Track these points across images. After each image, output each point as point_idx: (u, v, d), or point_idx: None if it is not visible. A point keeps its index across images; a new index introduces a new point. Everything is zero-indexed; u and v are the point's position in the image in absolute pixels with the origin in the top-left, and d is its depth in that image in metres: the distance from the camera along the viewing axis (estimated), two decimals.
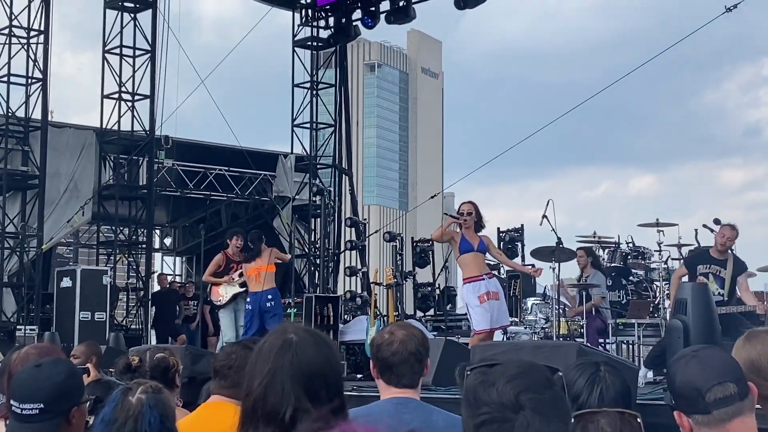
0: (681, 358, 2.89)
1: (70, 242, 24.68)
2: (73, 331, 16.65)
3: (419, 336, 3.96)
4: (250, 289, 13.53)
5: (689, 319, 8.80)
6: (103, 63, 19.56)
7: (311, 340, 2.72)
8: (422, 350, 3.92)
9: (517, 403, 2.12)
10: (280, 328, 2.78)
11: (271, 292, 13.45)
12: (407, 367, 3.88)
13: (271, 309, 13.41)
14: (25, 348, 4.53)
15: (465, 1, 19.70)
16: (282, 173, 22.47)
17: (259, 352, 2.71)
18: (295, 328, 2.75)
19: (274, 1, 22.63)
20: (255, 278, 13.49)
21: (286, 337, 2.70)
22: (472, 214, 11.24)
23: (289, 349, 2.67)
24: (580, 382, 3.12)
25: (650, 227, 14.08)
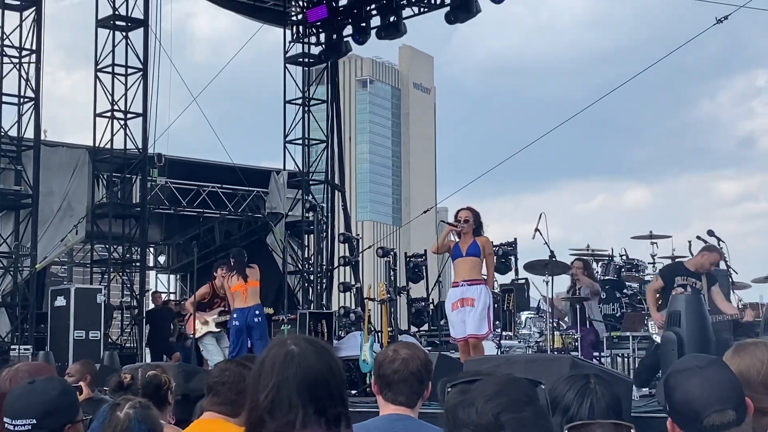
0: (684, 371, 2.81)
1: (64, 261, 24.63)
2: (67, 350, 16.61)
3: (423, 358, 3.99)
4: (236, 305, 13.48)
5: (683, 331, 8.80)
6: (95, 82, 19.56)
7: (312, 349, 2.72)
8: (423, 371, 3.95)
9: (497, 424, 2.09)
10: (280, 340, 2.77)
11: (257, 307, 13.48)
12: (406, 386, 3.90)
13: (258, 325, 13.38)
14: (15, 366, 4.52)
15: (456, 16, 19.80)
16: (275, 190, 22.47)
17: (261, 366, 2.71)
18: (295, 339, 2.75)
19: (265, 18, 22.69)
20: (241, 294, 13.47)
21: (288, 349, 2.70)
22: (469, 221, 10.94)
23: (292, 361, 2.67)
24: (570, 395, 3.11)
25: (644, 239, 14.11)
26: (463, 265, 10.96)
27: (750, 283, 13.81)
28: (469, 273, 10.90)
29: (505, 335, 14.36)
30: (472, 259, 10.91)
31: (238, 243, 22.59)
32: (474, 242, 10.92)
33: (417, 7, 20.88)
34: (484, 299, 10.82)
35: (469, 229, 10.95)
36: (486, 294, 10.91)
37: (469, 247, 10.92)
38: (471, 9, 19.60)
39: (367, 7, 21.45)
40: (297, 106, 22.60)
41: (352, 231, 22.71)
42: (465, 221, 10.92)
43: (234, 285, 13.51)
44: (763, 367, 3.19)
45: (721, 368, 2.89)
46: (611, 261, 14.69)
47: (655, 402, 7.55)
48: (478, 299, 10.77)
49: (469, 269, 10.92)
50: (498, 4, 19.02)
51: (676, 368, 2.88)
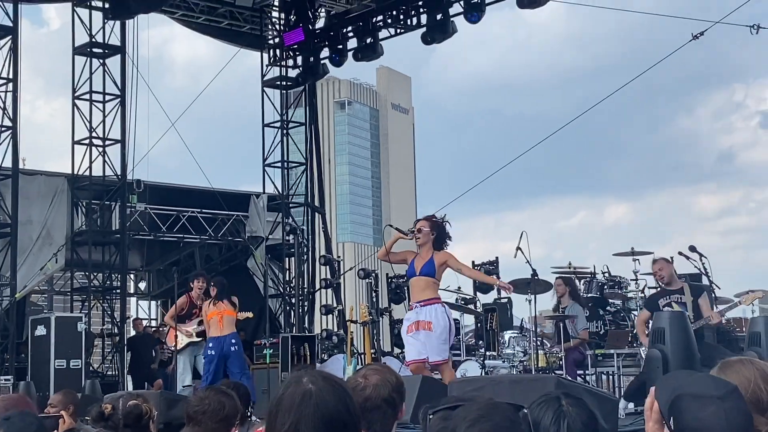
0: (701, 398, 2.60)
1: (44, 290, 24.48)
2: (48, 380, 16.44)
3: (394, 381, 3.85)
4: (211, 333, 13.36)
5: (668, 348, 8.79)
6: (73, 109, 19.50)
7: (330, 388, 2.72)
8: (396, 396, 3.82)
9: None
10: (297, 378, 2.77)
11: (233, 336, 13.36)
12: (379, 414, 3.78)
13: (235, 353, 13.27)
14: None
15: (432, 37, 19.87)
16: (254, 213, 22.42)
17: (278, 404, 2.70)
18: (313, 377, 2.74)
19: (242, 42, 22.70)
20: (217, 322, 13.34)
21: (306, 388, 2.69)
22: (423, 231, 10.03)
23: (310, 400, 2.66)
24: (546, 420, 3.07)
25: (626, 256, 14.12)
26: (416, 284, 10.19)
27: (732, 298, 13.84)
28: (422, 293, 10.09)
29: (489, 355, 14.31)
30: (426, 279, 10.08)
31: (219, 267, 22.53)
32: (430, 259, 10.05)
33: (393, 28, 20.93)
34: (441, 321, 10.02)
35: (426, 240, 10.06)
36: (442, 314, 10.08)
37: (424, 265, 10.07)
38: (447, 29, 19.67)
39: (344, 30, 21.51)
40: (275, 129, 22.59)
41: (333, 253, 22.66)
42: (419, 231, 10.06)
43: (210, 312, 13.39)
44: (750, 386, 3.16)
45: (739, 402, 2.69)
46: (594, 278, 14.69)
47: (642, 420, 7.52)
48: (435, 322, 9.98)
49: (422, 289, 10.10)
50: (474, 24, 19.08)
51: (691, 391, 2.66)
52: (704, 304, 11.19)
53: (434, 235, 10.09)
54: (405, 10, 20.58)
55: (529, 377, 10.23)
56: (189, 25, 22.42)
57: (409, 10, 20.52)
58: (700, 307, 11.08)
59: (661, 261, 11.61)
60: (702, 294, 11.33)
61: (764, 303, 14.66)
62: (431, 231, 10.08)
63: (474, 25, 19.16)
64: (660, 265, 11.47)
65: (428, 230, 10.05)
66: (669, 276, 11.37)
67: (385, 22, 20.89)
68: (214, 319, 13.27)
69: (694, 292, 11.25)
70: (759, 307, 13.75)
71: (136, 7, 18.15)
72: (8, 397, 4.74)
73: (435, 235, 10.10)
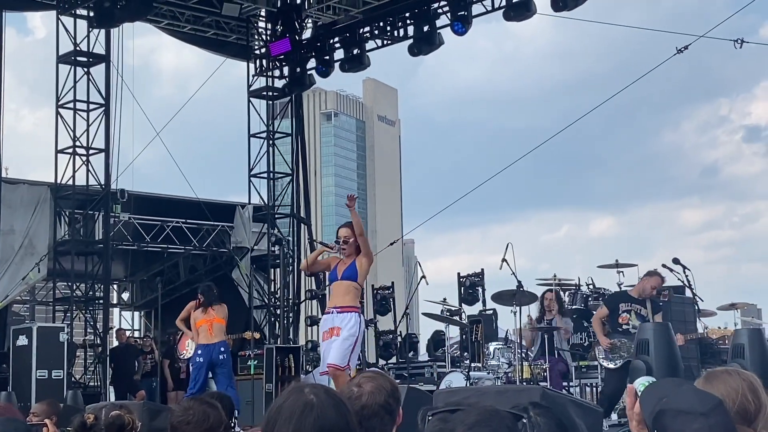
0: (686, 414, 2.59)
1: (26, 300, 24.34)
2: (30, 390, 16.33)
3: (389, 387, 3.85)
4: (200, 341, 13.21)
5: (652, 359, 8.78)
6: (56, 118, 19.39)
7: (331, 402, 2.69)
8: (392, 402, 3.81)
9: None
10: (297, 388, 2.75)
11: (222, 344, 13.18)
12: (377, 421, 3.76)
13: (223, 362, 13.14)
14: None
15: (419, 48, 19.88)
16: (240, 224, 22.36)
17: (278, 412, 2.67)
18: (314, 389, 2.72)
19: (228, 52, 22.70)
20: (207, 330, 13.20)
21: (307, 399, 2.67)
22: (349, 242, 9.74)
23: (311, 412, 2.64)
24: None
25: (610, 269, 14.11)
26: (337, 289, 9.89)
27: (716, 311, 13.86)
28: (342, 299, 9.80)
29: (473, 366, 14.28)
30: (347, 284, 9.77)
31: (203, 278, 22.41)
32: (352, 263, 9.74)
33: (380, 40, 20.96)
34: (351, 329, 9.69)
35: (351, 250, 9.77)
36: (354, 324, 9.73)
37: (346, 269, 9.77)
38: (434, 41, 19.70)
39: (331, 40, 21.52)
40: (261, 140, 22.56)
41: None
42: (344, 242, 9.76)
43: (199, 320, 13.26)
44: (738, 396, 3.14)
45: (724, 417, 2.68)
46: (578, 290, 14.70)
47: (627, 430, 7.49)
48: (344, 329, 9.67)
49: (342, 294, 9.80)
50: (461, 36, 19.10)
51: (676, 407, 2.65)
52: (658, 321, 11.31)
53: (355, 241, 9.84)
54: (392, 22, 20.61)
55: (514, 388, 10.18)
56: (175, 35, 22.39)
57: (396, 22, 20.55)
58: None
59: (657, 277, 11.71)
60: (658, 313, 11.46)
61: (746, 315, 14.66)
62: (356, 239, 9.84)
63: (461, 37, 19.20)
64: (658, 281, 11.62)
65: (353, 240, 9.79)
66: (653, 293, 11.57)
67: (372, 34, 20.91)
68: (203, 327, 13.12)
69: (654, 307, 11.41)
70: (741, 320, 13.77)
71: (121, 15, 18.10)
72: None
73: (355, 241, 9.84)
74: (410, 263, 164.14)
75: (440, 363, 16.56)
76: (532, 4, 18.17)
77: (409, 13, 20.26)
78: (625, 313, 11.34)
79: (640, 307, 11.37)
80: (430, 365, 16.97)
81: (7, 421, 3.51)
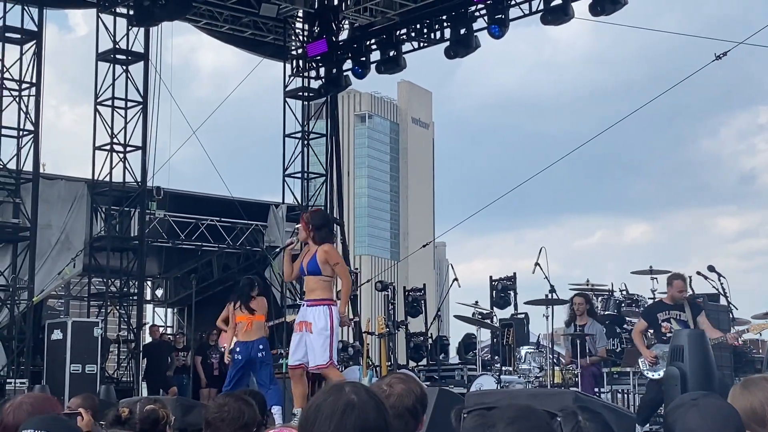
0: (681, 406, 2.85)
1: (61, 294, 24.55)
2: (63, 384, 16.46)
3: (418, 392, 3.83)
4: (239, 338, 13.00)
5: (686, 366, 8.73)
6: (95, 114, 19.56)
7: (372, 403, 2.68)
8: (419, 407, 3.79)
9: None
10: (337, 387, 2.72)
11: (261, 341, 12.92)
12: (401, 423, 3.73)
13: (262, 359, 12.93)
14: (18, 398, 4.45)
15: (455, 51, 19.87)
16: (273, 223, 22.44)
17: (317, 410, 2.65)
18: (354, 388, 2.70)
19: (265, 52, 22.79)
20: (245, 327, 13.01)
21: (349, 399, 2.65)
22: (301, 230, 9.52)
23: (353, 411, 2.62)
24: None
25: (644, 275, 14.06)
26: (307, 283, 9.67)
27: (750, 320, 13.76)
28: (312, 293, 9.58)
29: (504, 370, 14.26)
30: (314, 278, 9.54)
31: (236, 277, 22.52)
32: (314, 256, 9.47)
33: (417, 42, 20.97)
34: (322, 323, 9.42)
35: (307, 237, 9.50)
36: (324, 316, 9.46)
37: (309, 261, 9.50)
38: (470, 44, 19.67)
39: (367, 42, 21.55)
40: (296, 140, 22.64)
41: (350, 265, 22.64)
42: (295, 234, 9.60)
43: (239, 316, 13.05)
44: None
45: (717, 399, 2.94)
46: (611, 296, 14.62)
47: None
48: (315, 323, 9.43)
49: (311, 288, 9.59)
50: (498, 39, 19.07)
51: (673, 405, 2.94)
52: (704, 322, 11.15)
53: (311, 229, 9.55)
54: (429, 24, 20.61)
55: (546, 391, 10.19)
56: (213, 34, 22.51)
57: (433, 24, 20.55)
58: (700, 325, 11.03)
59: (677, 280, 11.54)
60: (701, 312, 11.31)
61: None
62: (306, 227, 9.54)
63: (498, 40, 19.16)
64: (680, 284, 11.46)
65: (302, 227, 9.54)
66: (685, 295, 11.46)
67: (408, 36, 20.93)
68: (242, 323, 12.92)
69: (693, 309, 11.27)
70: None
71: (160, 14, 18.23)
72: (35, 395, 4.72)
73: (312, 229, 9.55)
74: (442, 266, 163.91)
75: (471, 366, 16.53)
76: (570, 8, 18.11)
77: (446, 16, 20.26)
78: (665, 322, 11.22)
79: (678, 313, 11.23)
80: (461, 368, 16.94)
81: (53, 420, 3.54)
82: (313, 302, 9.55)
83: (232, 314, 13.00)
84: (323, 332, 9.42)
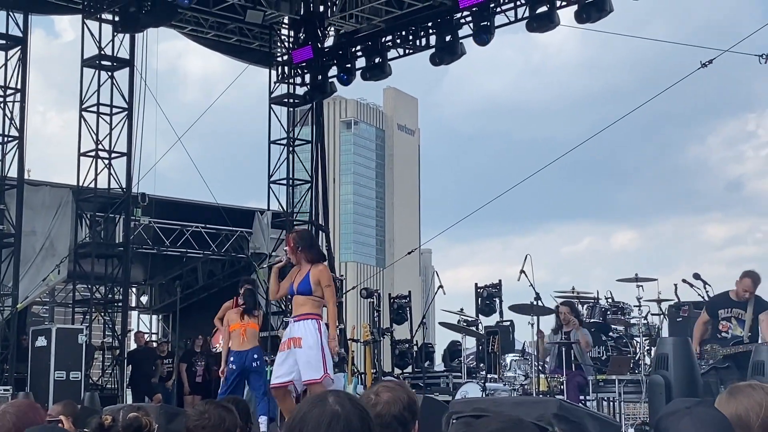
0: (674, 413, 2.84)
1: (45, 301, 24.46)
2: (47, 391, 16.40)
3: (406, 399, 3.75)
4: (233, 347, 12.76)
5: (671, 375, 8.74)
6: (80, 121, 19.52)
7: (357, 412, 2.67)
8: (408, 415, 3.71)
9: None
10: (320, 397, 2.71)
11: (255, 351, 12.71)
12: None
13: (257, 369, 12.75)
14: (2, 406, 4.43)
15: (440, 58, 19.88)
16: (258, 230, 22.41)
17: (302, 422, 2.63)
18: (339, 399, 2.69)
19: (251, 59, 22.77)
20: (239, 335, 12.81)
21: (334, 410, 2.64)
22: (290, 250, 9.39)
23: (338, 423, 2.61)
24: None
25: (629, 282, 14.07)
26: (296, 302, 9.50)
27: None
28: (300, 308, 9.42)
29: (490, 378, 14.25)
30: (303, 297, 9.38)
31: (221, 283, 22.50)
32: (306, 276, 9.31)
33: (402, 49, 20.97)
34: (313, 336, 9.24)
35: (296, 256, 9.36)
36: (314, 330, 9.28)
37: (300, 282, 9.32)
38: (456, 51, 19.69)
39: (352, 49, 21.55)
40: (282, 147, 22.61)
41: (335, 272, 22.62)
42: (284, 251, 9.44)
43: (234, 324, 12.88)
44: (761, 410, 3.16)
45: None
46: (597, 304, 14.63)
47: None
48: (305, 338, 9.22)
49: (300, 305, 9.42)
50: (483, 46, 19.08)
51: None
52: (765, 320, 10.79)
53: (300, 249, 9.40)
54: (414, 31, 20.63)
55: (531, 399, 10.17)
56: (198, 41, 22.48)
57: (418, 31, 20.57)
58: (761, 323, 10.70)
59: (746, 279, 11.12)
60: (766, 309, 10.89)
61: None
62: (295, 247, 9.39)
63: (484, 47, 19.17)
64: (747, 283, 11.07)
65: (291, 248, 9.40)
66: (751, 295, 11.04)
67: (394, 42, 20.93)
68: (236, 332, 12.72)
69: (757, 307, 10.86)
70: None
71: (146, 20, 18.17)
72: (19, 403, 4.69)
73: (301, 248, 9.41)
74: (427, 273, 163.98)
75: (456, 373, 16.53)
76: (555, 16, 18.15)
77: (431, 23, 20.28)
78: (725, 321, 10.93)
79: (741, 312, 10.92)
80: (446, 375, 16.94)
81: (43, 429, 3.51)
82: (301, 317, 9.37)
83: (227, 320, 12.85)
84: (314, 346, 9.20)
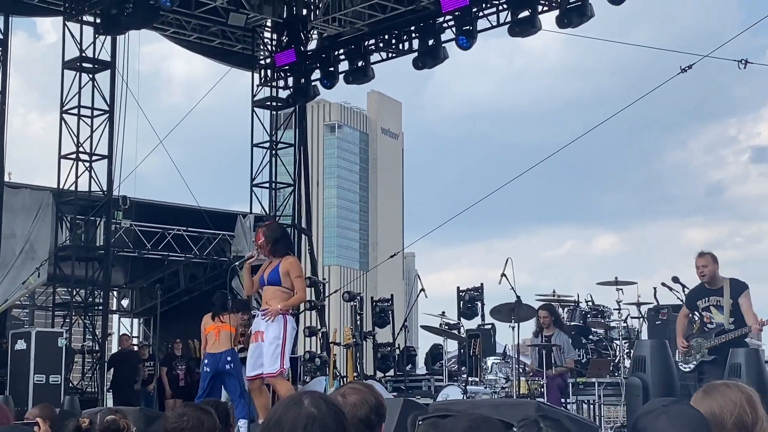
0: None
1: (25, 304, 24.36)
2: (27, 395, 16.31)
3: (373, 402, 3.70)
4: (208, 349, 12.90)
5: (648, 377, 8.77)
6: (60, 123, 19.44)
7: (332, 414, 2.66)
8: (374, 417, 3.67)
9: None
10: (296, 399, 2.69)
11: (229, 353, 12.82)
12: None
13: (230, 371, 12.80)
14: None
15: (423, 62, 19.91)
16: (241, 233, 22.36)
17: (278, 425, 2.62)
18: (314, 401, 2.68)
19: (234, 61, 22.73)
20: (214, 336, 12.91)
21: (309, 411, 2.63)
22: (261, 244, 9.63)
23: (314, 424, 2.59)
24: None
25: (609, 285, 14.13)
26: (265, 293, 9.75)
27: None
28: (268, 302, 9.67)
29: (471, 381, 14.27)
30: (273, 288, 9.63)
31: (203, 287, 22.45)
32: (276, 267, 9.59)
33: (385, 53, 21.00)
34: (274, 331, 9.49)
35: (266, 250, 9.65)
36: (278, 324, 9.54)
37: (270, 273, 9.61)
38: (438, 55, 19.72)
39: (335, 52, 21.55)
40: (264, 150, 22.58)
41: (318, 275, 22.60)
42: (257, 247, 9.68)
43: (208, 326, 12.96)
44: (736, 408, 3.18)
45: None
46: (577, 307, 14.68)
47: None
48: (267, 332, 9.50)
49: (269, 298, 9.67)
50: (465, 50, 19.11)
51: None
52: (745, 303, 10.42)
53: (270, 243, 9.65)
54: (397, 35, 20.65)
55: (509, 401, 10.20)
56: (181, 43, 22.43)
57: (401, 35, 20.59)
58: (741, 306, 10.36)
59: (707, 257, 10.69)
60: (743, 292, 10.52)
61: None
62: (265, 242, 9.64)
63: (466, 51, 19.21)
64: (705, 261, 10.63)
65: (263, 242, 9.65)
66: (711, 274, 10.59)
67: (377, 46, 20.96)
68: (211, 333, 12.82)
69: (733, 291, 10.48)
70: None
71: (127, 23, 18.13)
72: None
73: (271, 242, 9.66)
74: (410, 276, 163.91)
75: (438, 377, 16.53)
76: (537, 21, 18.19)
77: (414, 27, 20.30)
78: (705, 312, 10.58)
79: (718, 299, 10.54)
80: (428, 379, 16.94)
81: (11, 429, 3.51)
82: (266, 311, 9.59)
83: (203, 324, 12.91)
84: (275, 340, 9.45)
